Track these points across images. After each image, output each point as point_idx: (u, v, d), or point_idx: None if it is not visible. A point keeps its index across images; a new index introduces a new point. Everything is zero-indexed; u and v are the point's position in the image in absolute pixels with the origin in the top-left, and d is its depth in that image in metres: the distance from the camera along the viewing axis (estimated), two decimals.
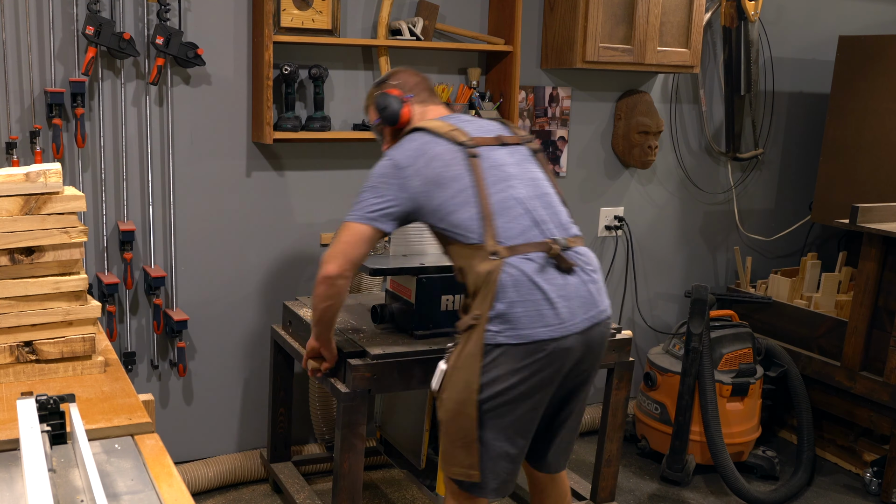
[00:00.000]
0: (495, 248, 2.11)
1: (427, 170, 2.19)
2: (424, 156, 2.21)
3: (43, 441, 1.37)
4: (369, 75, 3.33)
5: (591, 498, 3.08)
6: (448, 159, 2.20)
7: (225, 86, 3.12)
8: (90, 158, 2.97)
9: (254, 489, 3.31)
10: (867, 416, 3.50)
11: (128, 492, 1.38)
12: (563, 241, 2.18)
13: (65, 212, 1.83)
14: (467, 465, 2.17)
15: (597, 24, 3.39)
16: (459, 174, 2.18)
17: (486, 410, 2.12)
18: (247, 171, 3.22)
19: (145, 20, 2.93)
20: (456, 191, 2.17)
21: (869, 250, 3.39)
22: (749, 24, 3.90)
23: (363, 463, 2.62)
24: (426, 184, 2.19)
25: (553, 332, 2.10)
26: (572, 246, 2.20)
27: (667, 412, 3.55)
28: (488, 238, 2.12)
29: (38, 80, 2.84)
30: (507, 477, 2.21)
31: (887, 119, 3.79)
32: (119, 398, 1.75)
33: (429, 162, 2.20)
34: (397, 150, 2.27)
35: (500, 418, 2.13)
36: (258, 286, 3.32)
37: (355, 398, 2.54)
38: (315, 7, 3.13)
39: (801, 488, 3.46)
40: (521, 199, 2.20)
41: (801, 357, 3.71)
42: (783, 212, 4.39)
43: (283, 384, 3.18)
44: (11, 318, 1.82)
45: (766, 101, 4.20)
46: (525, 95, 3.60)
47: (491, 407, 2.12)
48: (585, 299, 2.17)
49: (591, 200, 3.88)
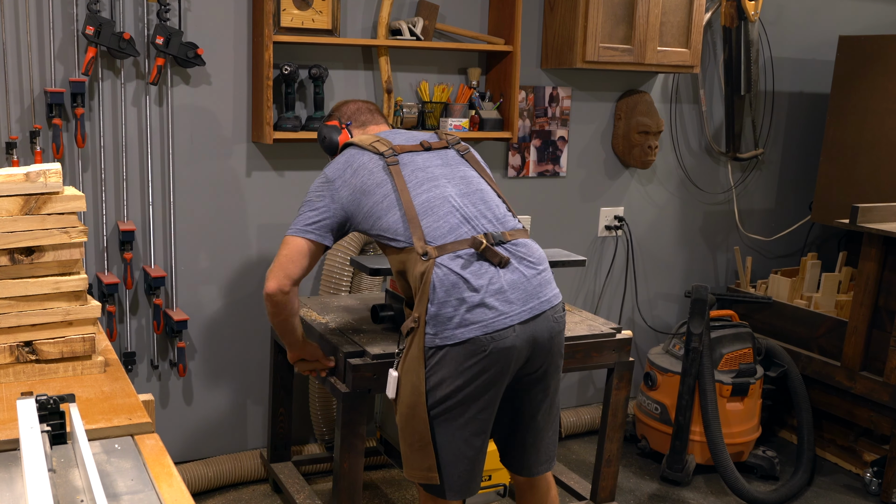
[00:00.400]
0: (425, 249, 2.14)
1: (354, 179, 2.29)
2: (350, 167, 2.32)
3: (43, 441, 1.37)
4: (369, 75, 3.33)
5: (591, 498, 3.07)
6: (371, 167, 2.30)
7: (225, 86, 3.12)
8: (90, 158, 2.97)
9: (254, 489, 3.31)
10: (867, 416, 3.50)
11: (128, 492, 1.38)
12: (499, 234, 2.20)
13: (65, 212, 1.83)
14: (426, 468, 2.19)
15: (597, 23, 3.39)
16: (382, 180, 2.27)
17: (436, 413, 2.14)
18: (247, 171, 3.22)
19: (145, 20, 2.93)
20: (380, 196, 2.25)
21: (869, 250, 3.39)
22: (749, 24, 3.90)
23: (363, 463, 2.62)
24: (354, 192, 2.28)
25: (487, 328, 2.09)
26: (510, 239, 2.21)
27: (667, 412, 3.55)
28: (416, 240, 2.16)
29: (38, 80, 2.84)
30: (469, 477, 2.21)
31: (887, 119, 3.79)
32: (119, 398, 1.75)
33: (355, 172, 2.30)
34: (329, 166, 2.38)
35: (452, 420, 2.14)
36: (258, 286, 3.32)
37: (355, 398, 2.54)
38: (315, 7, 3.13)
39: (801, 488, 3.46)
40: (448, 197, 2.23)
41: (801, 357, 3.71)
42: (783, 212, 4.39)
43: (283, 384, 3.18)
44: (11, 318, 1.82)
45: (766, 101, 4.20)
46: (525, 95, 3.60)
47: (440, 410, 2.14)
48: (524, 290, 2.16)
49: (591, 200, 3.88)
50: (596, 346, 2.85)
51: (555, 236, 3.80)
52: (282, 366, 3.15)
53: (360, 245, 3.25)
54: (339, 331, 2.73)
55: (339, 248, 3.24)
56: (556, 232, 3.80)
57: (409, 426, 2.19)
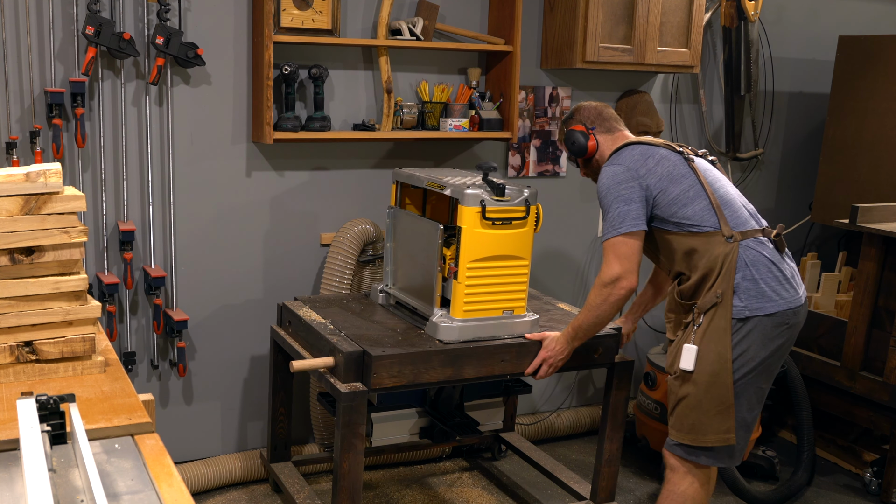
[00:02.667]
0: (731, 233, 2.41)
1: (658, 168, 2.48)
2: (652, 158, 2.50)
3: (43, 441, 1.37)
4: (369, 75, 3.33)
5: (591, 498, 3.07)
6: (674, 160, 2.51)
7: (225, 86, 3.12)
8: (90, 158, 2.97)
9: (254, 489, 3.31)
10: (867, 416, 3.50)
11: (128, 492, 1.38)
12: (770, 229, 2.50)
13: (65, 212, 1.82)
14: (724, 430, 2.42)
15: (597, 24, 3.39)
16: (686, 173, 2.49)
17: (739, 378, 2.39)
18: (247, 171, 3.22)
19: (145, 20, 2.93)
20: (687, 186, 2.47)
21: (869, 250, 3.39)
22: (749, 24, 3.90)
23: (363, 463, 2.62)
24: (660, 180, 2.47)
25: (791, 303, 2.42)
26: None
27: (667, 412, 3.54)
28: (723, 225, 2.42)
29: (38, 80, 2.84)
30: (745, 443, 2.49)
31: (887, 119, 3.79)
32: (119, 398, 1.75)
33: (658, 162, 2.49)
34: (620, 158, 2.52)
35: (749, 386, 2.42)
36: (258, 286, 3.32)
37: (355, 398, 2.54)
38: (315, 7, 3.13)
39: (801, 488, 3.46)
40: (734, 196, 2.53)
41: (801, 357, 3.71)
42: (783, 212, 4.39)
43: (283, 384, 3.18)
44: (11, 318, 1.82)
45: (766, 101, 4.20)
46: (525, 95, 3.60)
47: (742, 375, 2.39)
48: (797, 277, 2.50)
49: (592, 200, 3.88)
50: (596, 346, 2.85)
51: (555, 236, 3.80)
52: (282, 366, 3.14)
53: (360, 245, 3.25)
54: (340, 331, 2.73)
55: (340, 249, 3.24)
56: (556, 232, 3.80)
57: (709, 393, 2.41)
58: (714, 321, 2.39)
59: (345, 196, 3.39)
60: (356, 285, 3.33)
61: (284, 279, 3.35)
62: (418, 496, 3.30)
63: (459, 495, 3.34)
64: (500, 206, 2.62)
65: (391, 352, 2.57)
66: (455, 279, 2.64)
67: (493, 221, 2.62)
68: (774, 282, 2.40)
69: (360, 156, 3.38)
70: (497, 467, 3.60)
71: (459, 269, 2.62)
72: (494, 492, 3.38)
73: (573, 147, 2.68)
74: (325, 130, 3.16)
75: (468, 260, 2.62)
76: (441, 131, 3.36)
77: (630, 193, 2.45)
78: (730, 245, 2.40)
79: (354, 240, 3.24)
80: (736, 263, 2.38)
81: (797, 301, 2.44)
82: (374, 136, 3.25)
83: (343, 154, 3.36)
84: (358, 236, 3.25)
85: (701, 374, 2.41)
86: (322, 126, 3.15)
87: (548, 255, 3.81)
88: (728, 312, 2.38)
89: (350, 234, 3.24)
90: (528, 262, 2.73)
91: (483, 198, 2.59)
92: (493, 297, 2.69)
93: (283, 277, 3.35)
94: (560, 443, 3.86)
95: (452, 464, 3.60)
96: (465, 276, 2.63)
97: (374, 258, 3.30)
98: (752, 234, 2.44)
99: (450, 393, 3.01)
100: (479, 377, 2.70)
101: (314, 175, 3.33)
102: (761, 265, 2.40)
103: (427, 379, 2.62)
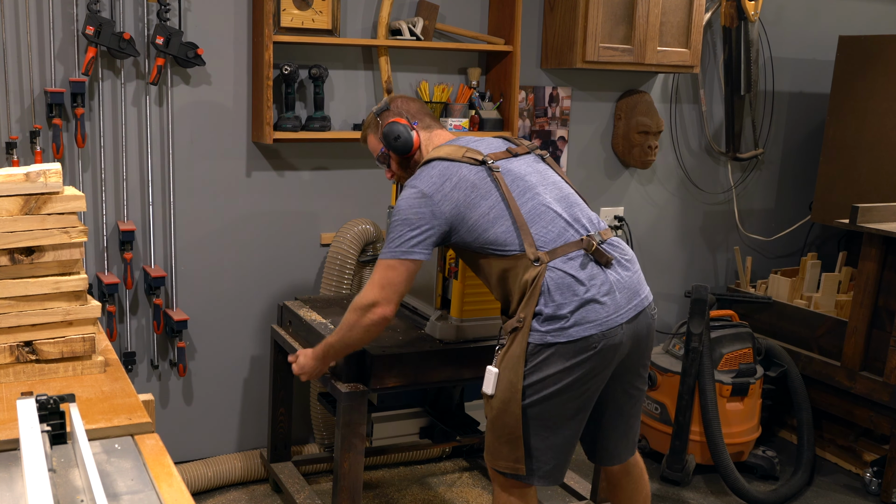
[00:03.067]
0: (536, 255, 2.18)
1: (455, 193, 2.24)
2: (449, 181, 2.26)
3: (43, 441, 1.37)
4: (369, 75, 3.33)
5: (591, 498, 3.08)
6: (473, 180, 2.26)
7: (225, 86, 3.12)
8: (90, 158, 2.97)
9: (254, 489, 3.31)
10: (867, 416, 3.50)
11: (128, 492, 1.38)
12: (598, 235, 2.26)
13: (65, 212, 1.82)
14: (513, 460, 2.24)
15: (597, 23, 3.39)
16: (488, 191, 2.25)
17: (531, 408, 2.19)
18: (247, 171, 3.22)
19: (145, 20, 2.93)
20: (487, 208, 2.23)
21: (869, 250, 3.39)
22: (749, 24, 3.90)
23: (363, 463, 2.62)
24: (456, 206, 2.24)
25: (601, 326, 2.16)
26: (606, 239, 2.28)
27: (667, 412, 3.55)
28: (528, 246, 2.19)
29: (38, 80, 2.84)
30: (555, 465, 2.27)
31: (887, 119, 3.79)
32: (119, 398, 1.75)
33: (455, 186, 2.25)
34: (419, 180, 2.29)
35: (546, 414, 2.20)
36: (258, 286, 3.32)
37: (355, 398, 2.54)
38: (315, 7, 3.13)
39: (801, 488, 3.46)
40: (548, 205, 2.27)
41: (801, 357, 3.71)
42: (783, 212, 4.39)
43: (283, 384, 3.18)
44: (11, 318, 1.82)
45: (766, 101, 4.20)
46: (525, 95, 3.60)
47: (535, 404, 2.19)
48: (628, 289, 2.24)
49: (591, 200, 3.87)
50: None
51: None
52: (282, 366, 3.14)
53: (360, 245, 3.25)
54: None
55: (340, 249, 3.24)
56: None
57: (499, 420, 2.23)
58: (512, 347, 2.20)
59: (345, 196, 3.39)
60: (356, 285, 3.33)
61: (284, 279, 3.35)
62: (418, 496, 3.30)
63: (459, 495, 3.34)
64: None
65: (391, 352, 2.57)
66: (455, 279, 2.64)
67: None
68: (577, 303, 2.15)
69: (360, 156, 3.38)
70: None
71: (459, 269, 2.62)
72: None
73: (397, 142, 2.41)
74: (325, 130, 3.16)
75: None
76: None
77: (419, 220, 2.22)
78: (536, 268, 2.17)
79: (354, 240, 3.24)
80: (540, 287, 2.16)
81: (609, 323, 2.17)
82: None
83: (343, 154, 3.36)
84: (358, 236, 3.25)
85: (495, 400, 2.24)
86: (322, 126, 3.15)
87: None
88: (525, 339, 2.17)
89: (350, 234, 3.24)
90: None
91: None
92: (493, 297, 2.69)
93: (283, 277, 3.35)
94: None
95: (452, 464, 3.60)
96: (465, 276, 2.63)
97: (374, 258, 3.30)
98: (563, 252, 2.19)
99: (450, 393, 3.01)
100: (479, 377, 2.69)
101: (314, 175, 3.33)
102: (566, 288, 2.16)
103: (427, 379, 2.62)
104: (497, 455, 2.27)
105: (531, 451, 2.23)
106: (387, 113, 2.49)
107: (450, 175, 2.26)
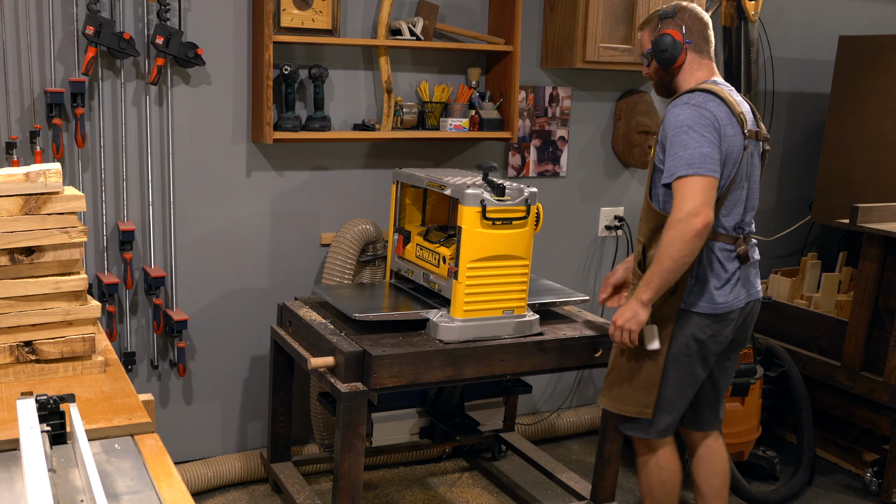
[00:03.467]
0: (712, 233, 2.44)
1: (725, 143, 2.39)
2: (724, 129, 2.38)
3: (43, 441, 1.37)
4: (369, 75, 3.33)
5: (592, 498, 3.07)
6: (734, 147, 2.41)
7: (225, 86, 3.12)
8: (90, 158, 2.97)
9: (254, 489, 3.31)
10: (867, 416, 3.50)
11: (128, 492, 1.38)
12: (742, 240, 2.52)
13: (65, 212, 1.82)
14: (643, 405, 2.56)
15: (597, 23, 3.39)
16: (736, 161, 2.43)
17: (672, 363, 2.51)
18: (247, 171, 3.22)
19: (145, 20, 2.93)
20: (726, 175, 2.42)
21: (869, 250, 3.39)
22: (749, 24, 3.89)
23: (363, 463, 2.63)
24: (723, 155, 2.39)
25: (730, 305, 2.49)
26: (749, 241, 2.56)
27: None
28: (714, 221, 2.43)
29: (38, 80, 2.84)
30: (671, 423, 2.60)
31: (887, 119, 3.79)
32: (119, 398, 1.75)
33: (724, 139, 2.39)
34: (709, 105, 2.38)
35: (680, 371, 2.52)
36: (258, 286, 3.32)
37: (355, 398, 2.54)
38: (315, 7, 3.13)
39: (801, 488, 3.46)
40: (740, 201, 2.50)
41: (801, 357, 3.71)
42: (783, 212, 4.39)
43: (283, 384, 3.18)
44: (11, 318, 1.82)
45: (766, 101, 4.20)
46: (525, 95, 3.60)
47: (677, 360, 2.51)
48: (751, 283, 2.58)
49: (591, 200, 3.88)
50: (596, 345, 2.85)
51: (555, 237, 3.80)
52: (282, 366, 3.15)
53: (360, 245, 3.25)
54: (340, 331, 2.73)
55: (340, 249, 3.24)
56: (556, 232, 3.80)
57: (640, 367, 2.54)
58: (664, 308, 2.47)
59: (345, 196, 3.39)
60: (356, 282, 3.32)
61: (284, 279, 3.35)
62: (418, 496, 3.30)
63: (459, 495, 3.34)
64: (500, 206, 2.62)
65: (391, 352, 2.57)
66: (455, 279, 2.64)
67: (493, 221, 2.62)
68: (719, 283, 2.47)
69: (360, 156, 3.38)
70: (497, 467, 3.60)
71: (459, 269, 2.62)
72: (494, 492, 3.38)
73: (662, 55, 2.47)
74: (325, 130, 3.16)
75: (468, 260, 2.62)
76: (441, 131, 3.36)
77: (713, 138, 2.33)
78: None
79: (354, 240, 3.24)
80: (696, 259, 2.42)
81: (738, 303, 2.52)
82: (374, 136, 3.25)
83: (343, 154, 3.36)
84: (358, 236, 3.25)
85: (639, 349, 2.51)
86: (322, 126, 3.15)
87: (548, 255, 3.81)
88: (677, 303, 2.47)
89: (350, 234, 3.24)
90: (529, 262, 2.73)
91: (483, 198, 2.59)
92: (494, 296, 2.69)
93: (283, 277, 3.35)
94: (560, 443, 3.86)
95: (452, 464, 3.60)
96: (465, 276, 2.63)
97: (374, 258, 3.30)
98: (722, 239, 2.47)
99: (450, 393, 3.01)
100: (479, 377, 2.71)
101: (314, 175, 3.33)
102: (715, 266, 2.47)
103: (427, 379, 2.62)
104: (627, 400, 2.58)
105: (660, 401, 2.54)
106: (669, 20, 2.50)
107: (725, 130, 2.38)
